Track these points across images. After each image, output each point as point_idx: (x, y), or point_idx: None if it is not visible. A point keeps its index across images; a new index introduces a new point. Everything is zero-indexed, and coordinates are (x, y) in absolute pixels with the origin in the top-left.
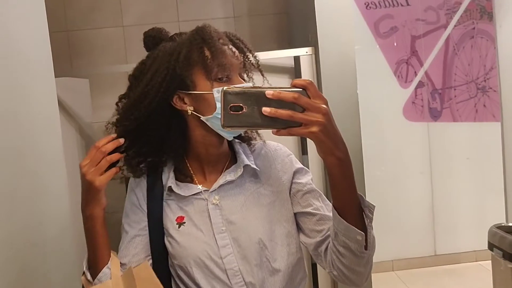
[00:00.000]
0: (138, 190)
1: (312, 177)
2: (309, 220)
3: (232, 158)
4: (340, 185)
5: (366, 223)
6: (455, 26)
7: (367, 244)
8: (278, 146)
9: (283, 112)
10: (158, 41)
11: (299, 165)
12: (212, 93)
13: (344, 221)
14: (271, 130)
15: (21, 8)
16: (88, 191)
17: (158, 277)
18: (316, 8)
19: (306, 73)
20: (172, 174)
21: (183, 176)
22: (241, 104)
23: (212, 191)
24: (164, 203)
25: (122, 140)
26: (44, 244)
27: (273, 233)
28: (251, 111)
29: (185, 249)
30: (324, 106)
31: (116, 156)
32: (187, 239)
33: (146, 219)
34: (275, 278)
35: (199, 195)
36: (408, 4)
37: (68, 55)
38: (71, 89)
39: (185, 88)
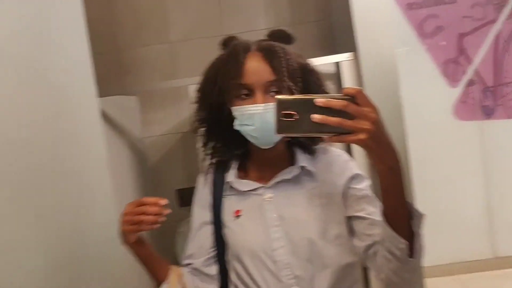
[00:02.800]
0: (205, 186)
1: (369, 183)
2: (360, 224)
3: (291, 160)
4: (390, 192)
5: (414, 231)
6: (504, 21)
7: (413, 252)
8: (338, 152)
9: (332, 119)
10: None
11: (357, 171)
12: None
13: (389, 228)
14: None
15: (63, 32)
16: (123, 237)
17: (220, 269)
18: (354, 12)
19: (348, 79)
20: (234, 172)
21: (243, 174)
22: (292, 112)
23: (268, 188)
24: (224, 198)
25: (163, 202)
26: (91, 262)
27: (325, 232)
28: (302, 118)
29: (239, 240)
30: (373, 114)
31: (152, 218)
32: (242, 230)
33: (210, 213)
34: (324, 274)
35: (256, 191)
36: (453, 2)
37: (117, 74)
38: (121, 107)
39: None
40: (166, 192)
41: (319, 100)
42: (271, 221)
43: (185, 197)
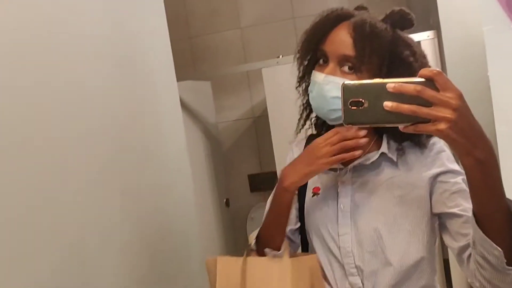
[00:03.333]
0: (296, 154)
1: (464, 177)
2: (455, 222)
3: (378, 142)
4: (481, 189)
5: None
6: None
7: None
8: (434, 140)
9: (405, 107)
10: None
11: (452, 164)
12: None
13: (480, 230)
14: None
15: (144, 19)
16: (309, 165)
17: (301, 239)
18: None
19: (429, 59)
20: None
21: None
22: (361, 99)
23: (346, 170)
24: None
25: (363, 133)
26: (171, 238)
27: (395, 226)
28: (372, 106)
29: (310, 218)
30: (454, 100)
31: (352, 142)
32: (314, 209)
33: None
34: (386, 271)
35: (335, 170)
36: None
37: (191, 60)
38: (194, 92)
39: None
40: (238, 177)
41: (391, 85)
42: (341, 205)
43: (257, 183)
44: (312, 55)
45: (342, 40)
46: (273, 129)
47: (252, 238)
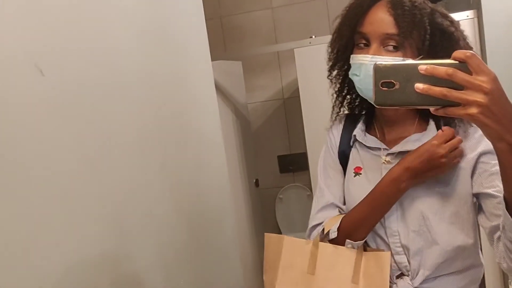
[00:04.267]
0: (335, 137)
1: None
2: (490, 202)
3: (423, 125)
4: (511, 175)
5: None
6: None
7: None
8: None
9: (436, 90)
10: None
11: (491, 146)
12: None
13: (510, 216)
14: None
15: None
16: (433, 169)
17: None
18: None
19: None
20: (361, 126)
21: (369, 130)
22: (392, 80)
23: (391, 154)
24: (350, 151)
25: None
26: (207, 212)
27: (440, 208)
28: (403, 87)
29: (352, 197)
30: (487, 84)
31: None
32: (358, 190)
33: (338, 162)
34: (433, 250)
35: (378, 150)
36: None
37: (222, 40)
38: (225, 72)
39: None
40: (268, 158)
41: (422, 67)
42: None
43: (286, 164)
44: (348, 40)
45: (382, 19)
46: (304, 111)
47: (329, 226)
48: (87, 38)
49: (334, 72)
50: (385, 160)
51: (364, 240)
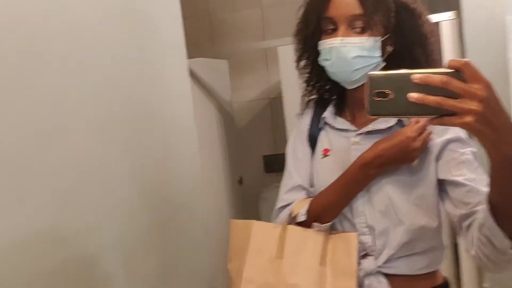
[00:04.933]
0: (305, 120)
1: (474, 150)
2: (458, 190)
3: None
4: (504, 184)
5: None
6: None
7: None
8: None
9: (430, 99)
10: None
11: (462, 134)
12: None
13: (492, 220)
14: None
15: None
16: (403, 157)
17: None
18: None
19: (448, 41)
20: (331, 109)
21: (340, 113)
22: (386, 90)
23: (360, 134)
24: (319, 134)
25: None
26: (175, 199)
27: (407, 189)
28: (397, 97)
29: (320, 178)
30: (482, 92)
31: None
32: (324, 170)
33: (308, 148)
34: (398, 229)
35: (347, 132)
36: None
37: (209, 38)
38: (211, 69)
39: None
40: (253, 157)
41: (416, 76)
42: None
43: (271, 163)
44: (314, 27)
45: (347, 2)
46: (287, 110)
47: (297, 209)
48: (53, 10)
49: (302, 62)
50: (354, 141)
51: (331, 223)
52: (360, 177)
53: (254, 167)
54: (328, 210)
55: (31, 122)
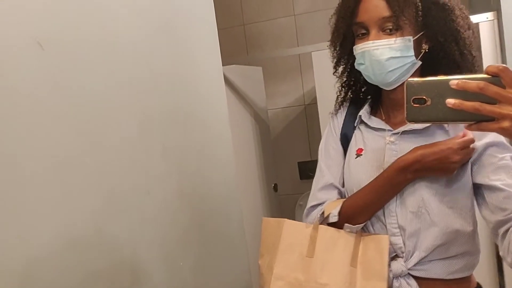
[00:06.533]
0: (339, 118)
1: (509, 155)
2: (495, 195)
3: None
4: None
5: None
6: None
7: None
8: None
9: (468, 104)
10: None
11: (501, 138)
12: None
13: None
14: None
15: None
16: (443, 168)
17: None
18: None
19: (487, 43)
20: (366, 108)
21: (375, 113)
22: (424, 96)
23: (395, 133)
24: (354, 133)
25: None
26: (212, 201)
27: (440, 191)
28: (435, 103)
29: (353, 178)
30: None
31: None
32: (358, 170)
33: (340, 144)
34: (430, 231)
35: (383, 131)
36: None
37: (244, 47)
38: (246, 77)
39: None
40: (288, 164)
41: (454, 81)
42: (387, 165)
43: (306, 170)
44: (346, 33)
45: (375, 5)
46: (321, 115)
47: (329, 209)
48: (91, 22)
49: (340, 68)
50: (389, 140)
51: (363, 224)
52: (397, 181)
53: (289, 174)
54: (362, 211)
55: (78, 124)
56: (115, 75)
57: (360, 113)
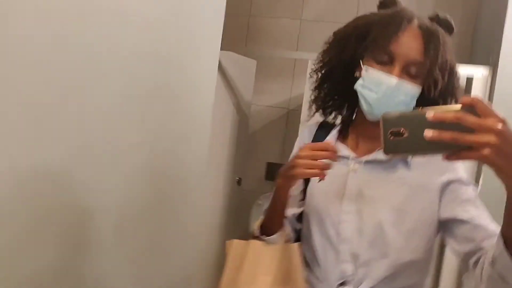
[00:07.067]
0: (306, 140)
1: (476, 188)
2: (463, 227)
3: None
4: None
5: None
6: None
7: None
8: None
9: (446, 135)
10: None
11: (463, 175)
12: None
13: (507, 254)
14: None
15: None
16: (288, 178)
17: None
18: (505, 26)
19: (479, 94)
20: (334, 134)
21: (342, 139)
22: (401, 129)
23: (359, 162)
24: None
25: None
26: (178, 183)
27: (398, 222)
28: (412, 135)
29: (314, 201)
30: (497, 125)
31: (326, 166)
32: (319, 193)
33: None
34: (382, 262)
35: (347, 159)
36: None
37: (244, 38)
38: (239, 66)
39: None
40: (257, 162)
41: (430, 113)
42: (348, 193)
43: (273, 172)
44: (362, 48)
45: (411, 44)
46: (302, 123)
47: (256, 225)
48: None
49: (330, 73)
50: (352, 169)
51: (276, 235)
52: (277, 190)
53: (256, 172)
54: (271, 223)
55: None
56: (113, 41)
57: (327, 139)
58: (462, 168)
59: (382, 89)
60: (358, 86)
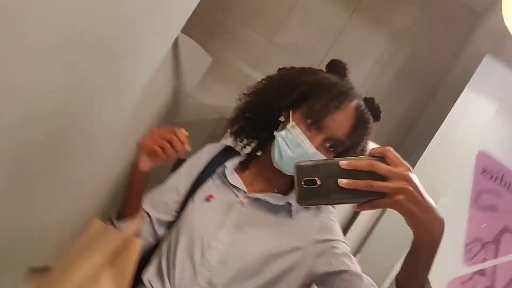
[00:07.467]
0: (205, 157)
1: (344, 242)
2: (340, 277)
3: (289, 188)
4: (421, 264)
5: None
6: None
7: None
8: (332, 209)
9: (360, 182)
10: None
11: (337, 235)
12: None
13: None
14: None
15: None
16: (138, 160)
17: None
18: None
19: None
20: (235, 162)
21: (240, 171)
22: (315, 178)
23: (248, 197)
24: (210, 178)
25: (188, 148)
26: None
27: (265, 265)
28: (326, 184)
29: (191, 217)
30: (407, 173)
31: (179, 146)
32: (200, 214)
33: (190, 184)
34: None
35: (238, 190)
36: None
37: (211, 34)
38: (193, 54)
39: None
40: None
41: (344, 162)
42: (228, 222)
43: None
44: (297, 102)
45: (343, 124)
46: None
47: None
48: None
49: (258, 105)
50: (241, 200)
51: (128, 223)
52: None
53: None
54: (125, 204)
55: None
56: None
57: (226, 164)
58: (336, 228)
59: (298, 151)
60: (278, 136)
